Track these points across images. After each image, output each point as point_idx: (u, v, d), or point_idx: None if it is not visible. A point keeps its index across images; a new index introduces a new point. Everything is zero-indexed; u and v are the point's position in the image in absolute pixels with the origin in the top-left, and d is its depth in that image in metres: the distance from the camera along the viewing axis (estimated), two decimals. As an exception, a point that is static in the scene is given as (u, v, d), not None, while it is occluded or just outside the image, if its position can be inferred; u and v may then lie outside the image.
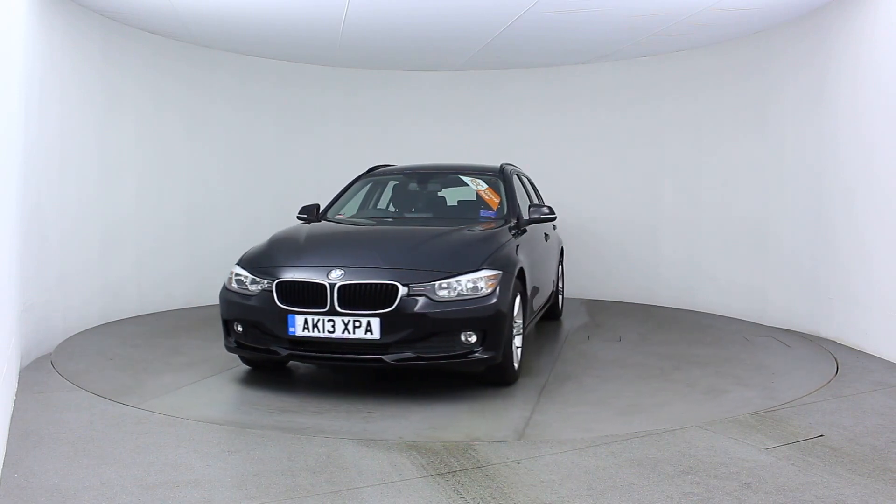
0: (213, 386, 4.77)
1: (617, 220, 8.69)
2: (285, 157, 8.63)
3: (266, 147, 8.51)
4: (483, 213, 5.74)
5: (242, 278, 4.68)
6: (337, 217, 5.95)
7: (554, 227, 7.24)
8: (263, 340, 4.53)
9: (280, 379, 4.96)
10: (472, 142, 9.03)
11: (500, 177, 6.00)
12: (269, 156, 8.52)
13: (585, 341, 6.37)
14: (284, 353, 4.45)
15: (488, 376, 4.70)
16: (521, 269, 4.85)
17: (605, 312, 7.90)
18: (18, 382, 4.62)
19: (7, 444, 3.49)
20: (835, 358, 5.64)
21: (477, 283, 4.34)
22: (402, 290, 4.24)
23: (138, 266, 7.22)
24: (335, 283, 4.30)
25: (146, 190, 7.34)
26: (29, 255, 5.15)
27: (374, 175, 6.47)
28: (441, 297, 4.27)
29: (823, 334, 6.48)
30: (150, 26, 7.09)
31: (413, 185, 6.37)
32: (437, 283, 4.29)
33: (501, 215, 5.58)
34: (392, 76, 9.11)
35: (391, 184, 6.45)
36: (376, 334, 4.23)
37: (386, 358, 4.27)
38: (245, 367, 5.18)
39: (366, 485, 3.11)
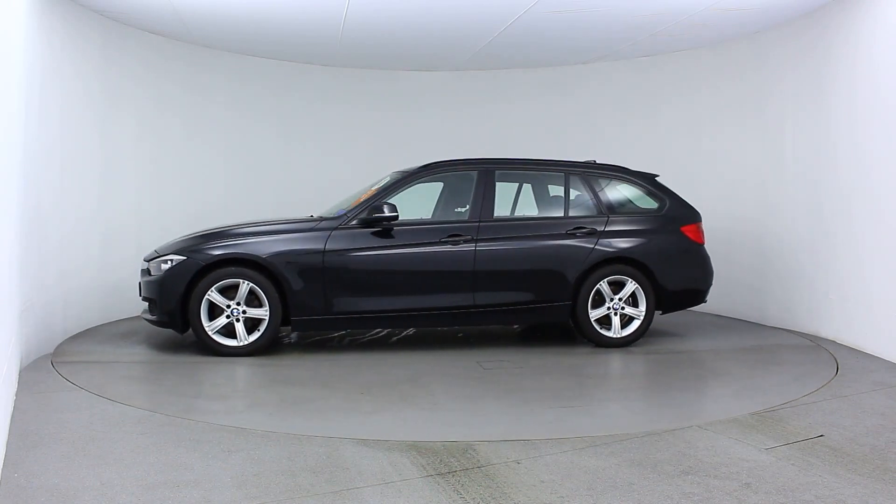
0: (215, 386, 4.77)
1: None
2: (286, 157, 8.62)
3: (266, 147, 8.50)
4: (339, 211, 6.04)
5: None
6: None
7: (596, 234, 6.15)
8: None
9: (282, 379, 4.97)
10: (471, 142, 9.01)
11: (398, 176, 6.19)
12: (269, 156, 8.51)
13: (587, 341, 6.37)
14: None
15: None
16: (256, 263, 5.52)
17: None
18: (18, 382, 4.62)
19: (7, 444, 3.49)
20: (835, 358, 5.64)
21: (164, 264, 5.59)
22: (144, 265, 5.80)
23: (138, 266, 7.19)
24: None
25: (146, 190, 7.33)
26: (29, 255, 5.15)
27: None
28: (160, 271, 5.58)
29: (823, 334, 6.47)
30: (150, 26, 7.09)
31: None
32: (158, 261, 5.63)
33: (344, 213, 5.88)
34: (392, 76, 9.11)
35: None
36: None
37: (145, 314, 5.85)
38: (248, 368, 5.19)
39: (366, 485, 3.11)
